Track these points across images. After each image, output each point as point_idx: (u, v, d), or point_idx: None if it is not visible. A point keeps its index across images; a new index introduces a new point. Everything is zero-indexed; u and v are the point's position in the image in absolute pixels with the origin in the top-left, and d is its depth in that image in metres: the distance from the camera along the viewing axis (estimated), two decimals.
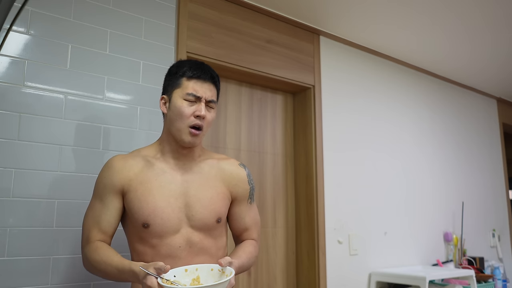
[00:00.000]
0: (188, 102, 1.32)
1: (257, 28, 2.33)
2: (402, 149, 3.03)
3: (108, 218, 1.32)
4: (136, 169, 1.33)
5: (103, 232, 1.31)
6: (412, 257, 2.95)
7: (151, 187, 1.31)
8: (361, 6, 2.36)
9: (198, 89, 1.32)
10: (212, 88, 1.35)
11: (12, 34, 1.57)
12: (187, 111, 1.31)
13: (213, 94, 1.35)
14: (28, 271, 1.52)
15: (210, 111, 1.35)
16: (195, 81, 1.33)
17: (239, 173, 1.44)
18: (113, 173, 1.32)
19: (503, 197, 3.87)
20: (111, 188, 1.32)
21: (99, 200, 1.33)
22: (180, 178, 1.35)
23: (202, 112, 1.30)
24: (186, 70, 1.35)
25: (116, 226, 1.35)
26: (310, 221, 2.44)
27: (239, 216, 1.45)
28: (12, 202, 1.51)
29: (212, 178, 1.38)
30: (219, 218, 1.36)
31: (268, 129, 2.50)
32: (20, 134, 1.55)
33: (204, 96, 1.32)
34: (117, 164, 1.33)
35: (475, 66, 3.27)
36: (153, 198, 1.30)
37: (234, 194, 1.43)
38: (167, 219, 1.29)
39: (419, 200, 3.08)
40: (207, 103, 1.34)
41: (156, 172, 1.34)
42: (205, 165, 1.40)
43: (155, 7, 1.96)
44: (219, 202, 1.37)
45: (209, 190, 1.36)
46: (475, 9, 2.40)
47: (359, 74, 2.83)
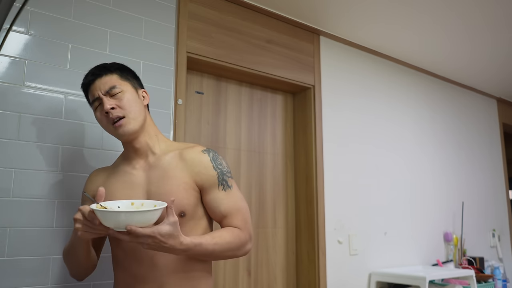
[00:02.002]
0: (98, 109, 1.32)
1: (257, 28, 2.33)
2: (402, 149, 3.03)
3: None
4: (104, 177, 1.39)
5: None
6: (412, 257, 2.95)
7: (114, 190, 1.32)
8: (361, 6, 2.36)
9: (93, 92, 1.32)
10: (104, 80, 1.31)
11: (12, 34, 1.57)
12: (99, 116, 1.31)
13: (107, 84, 1.30)
14: (28, 271, 1.52)
15: (118, 96, 1.30)
16: (88, 89, 1.34)
17: (202, 159, 1.32)
18: (87, 186, 1.41)
19: (503, 197, 3.87)
20: (85, 198, 1.39)
21: None
22: (143, 176, 1.33)
23: (105, 106, 1.27)
24: (82, 86, 1.37)
25: None
26: (310, 221, 2.44)
27: (213, 205, 1.32)
28: (12, 202, 1.51)
29: (172, 170, 1.31)
30: (181, 212, 1.27)
31: (268, 129, 2.50)
32: (20, 134, 1.55)
33: (99, 93, 1.30)
34: (91, 177, 1.42)
35: (475, 66, 3.27)
36: (114, 198, 1.30)
37: (200, 182, 1.31)
38: None
39: (419, 200, 3.08)
40: (108, 94, 1.30)
41: (120, 175, 1.36)
42: (167, 157, 1.34)
43: (155, 7, 1.96)
44: (179, 194, 1.27)
45: (169, 183, 1.29)
46: (476, 9, 2.40)
47: (359, 74, 2.83)
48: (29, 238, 1.53)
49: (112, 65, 1.36)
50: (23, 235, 1.52)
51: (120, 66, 1.38)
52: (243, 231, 1.31)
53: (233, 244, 1.27)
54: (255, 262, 2.33)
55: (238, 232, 1.30)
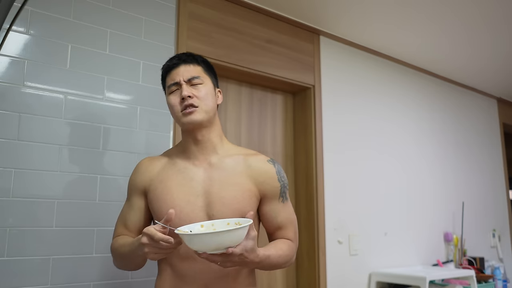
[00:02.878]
0: (173, 94, 1.30)
1: (257, 28, 2.33)
2: (402, 149, 3.03)
3: (132, 217, 1.35)
4: (158, 168, 1.34)
5: (127, 229, 1.35)
6: (412, 257, 2.95)
7: (170, 185, 1.29)
8: (361, 6, 2.36)
9: (174, 76, 1.31)
10: (189, 68, 1.31)
11: (12, 34, 1.57)
12: (173, 101, 1.30)
13: (192, 72, 1.31)
14: (28, 271, 1.52)
15: (198, 87, 1.30)
16: (170, 72, 1.33)
17: (268, 170, 1.33)
18: (138, 175, 1.36)
19: (503, 197, 3.87)
20: (136, 189, 1.35)
21: (128, 200, 1.38)
22: (203, 175, 1.30)
23: (184, 92, 1.26)
24: (163, 68, 1.36)
25: (142, 224, 1.35)
26: (310, 221, 2.44)
27: (271, 215, 1.34)
28: (12, 202, 1.51)
29: (237, 175, 1.30)
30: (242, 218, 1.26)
31: (268, 129, 2.50)
32: (20, 134, 1.55)
33: (182, 79, 1.29)
34: (142, 166, 1.37)
35: (475, 66, 3.27)
36: (171, 196, 1.27)
37: (263, 192, 1.32)
38: (186, 219, 1.24)
39: (419, 200, 3.08)
40: (189, 82, 1.30)
41: (177, 169, 1.32)
42: (231, 160, 1.32)
43: (155, 7, 1.96)
44: (243, 201, 1.27)
45: (233, 188, 1.27)
46: (475, 9, 2.40)
47: (359, 74, 2.83)
48: (29, 238, 1.53)
49: (199, 56, 1.37)
50: (23, 235, 1.52)
51: (206, 60, 1.38)
52: (294, 243, 1.36)
53: (288, 257, 1.31)
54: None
55: (291, 245, 1.34)
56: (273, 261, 1.24)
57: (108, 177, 1.73)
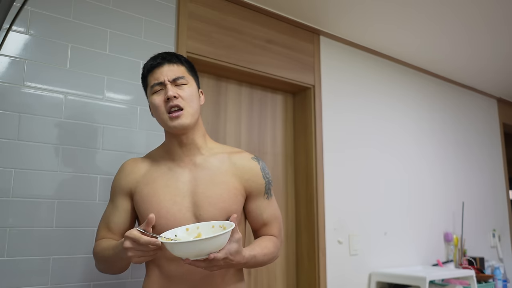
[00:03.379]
0: (157, 94, 1.28)
1: (257, 28, 2.33)
2: (402, 149, 3.03)
3: (116, 219, 1.34)
4: (143, 170, 1.34)
5: (111, 232, 1.34)
6: (412, 257, 2.95)
7: (156, 187, 1.29)
8: (361, 6, 2.36)
9: (157, 76, 1.28)
10: (173, 68, 1.29)
11: (12, 34, 1.57)
12: (157, 101, 1.27)
13: (176, 72, 1.29)
14: (28, 271, 1.52)
15: (182, 88, 1.28)
16: (152, 71, 1.30)
17: (252, 167, 1.34)
18: (122, 176, 1.35)
19: (503, 197, 3.87)
20: (120, 191, 1.34)
21: (111, 202, 1.37)
22: (188, 175, 1.30)
23: (169, 92, 1.24)
24: (145, 66, 1.34)
25: (126, 226, 1.35)
26: (310, 221, 2.44)
27: (256, 212, 1.36)
28: (12, 202, 1.51)
29: (222, 173, 1.31)
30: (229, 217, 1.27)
31: (268, 129, 2.50)
32: (20, 134, 1.55)
33: (166, 78, 1.27)
34: (127, 167, 1.36)
35: (475, 66, 3.27)
36: (157, 198, 1.27)
37: (248, 189, 1.34)
38: (173, 220, 1.24)
39: (419, 200, 3.08)
40: (174, 83, 1.28)
41: (163, 171, 1.32)
42: (215, 159, 1.33)
43: (155, 7, 1.96)
44: (229, 200, 1.28)
45: (219, 187, 1.28)
46: (475, 9, 2.40)
47: (359, 74, 2.83)
48: (29, 238, 1.53)
49: (181, 56, 1.35)
50: (23, 235, 1.52)
51: (188, 60, 1.37)
52: (278, 239, 1.39)
53: (274, 253, 1.34)
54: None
55: (276, 241, 1.37)
56: (259, 260, 1.26)
57: (108, 177, 1.73)
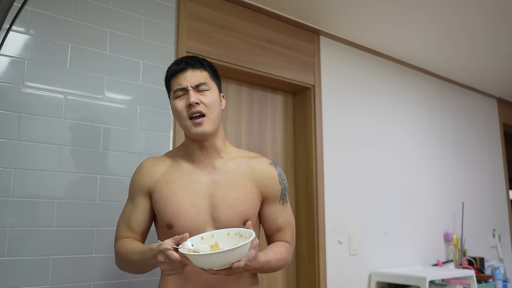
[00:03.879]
0: (179, 98, 1.30)
1: (257, 28, 2.33)
2: (402, 149, 3.03)
3: (136, 218, 1.34)
4: (163, 169, 1.34)
5: (132, 231, 1.34)
6: (412, 257, 2.95)
7: (176, 187, 1.30)
8: (361, 6, 2.36)
9: (181, 81, 1.30)
10: (196, 73, 1.31)
11: (12, 34, 1.57)
12: (180, 106, 1.29)
13: (199, 78, 1.30)
14: (28, 271, 1.52)
15: (205, 94, 1.29)
16: (176, 76, 1.31)
17: (270, 172, 1.37)
18: (142, 175, 1.35)
19: (503, 197, 3.87)
20: (140, 190, 1.34)
21: (130, 200, 1.37)
22: (207, 178, 1.32)
23: (191, 99, 1.26)
24: (168, 70, 1.35)
25: (146, 226, 1.36)
26: (310, 221, 2.44)
27: (271, 217, 1.37)
28: (12, 202, 1.51)
29: (241, 177, 1.33)
30: (246, 220, 1.30)
31: (268, 129, 2.50)
32: (20, 134, 1.55)
33: (189, 84, 1.28)
34: (146, 166, 1.36)
35: (475, 66, 3.27)
36: (177, 198, 1.28)
37: (265, 194, 1.36)
38: (191, 221, 1.26)
39: (419, 200, 3.08)
40: (196, 89, 1.29)
41: (182, 171, 1.33)
42: (234, 163, 1.35)
43: (155, 7, 1.96)
44: (246, 203, 1.31)
45: (237, 190, 1.31)
46: (475, 9, 2.40)
47: (359, 74, 2.83)
48: (29, 238, 1.53)
49: (205, 60, 1.35)
50: (23, 235, 1.52)
51: (211, 65, 1.37)
52: (291, 245, 1.40)
53: (286, 259, 1.34)
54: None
55: (288, 247, 1.38)
56: (273, 265, 1.27)
57: (108, 177, 1.73)
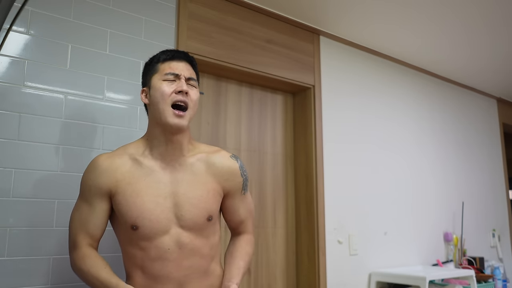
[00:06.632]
0: (168, 82, 1.28)
1: (257, 28, 2.33)
2: (402, 149, 3.03)
3: (95, 221, 1.29)
4: (123, 169, 1.29)
5: (90, 236, 1.29)
6: (412, 257, 2.95)
7: (139, 188, 1.27)
8: (361, 6, 2.36)
9: (175, 67, 1.30)
10: (190, 68, 1.33)
11: (12, 34, 1.57)
12: (168, 89, 1.27)
13: (191, 72, 1.33)
14: (28, 271, 1.52)
15: (192, 89, 1.30)
16: (170, 61, 1.31)
17: (231, 166, 1.38)
18: (99, 175, 1.28)
19: (503, 197, 3.87)
20: (98, 191, 1.28)
21: (85, 202, 1.30)
22: (169, 177, 1.31)
23: (184, 87, 1.26)
24: (160, 55, 1.35)
25: (104, 228, 1.32)
26: (310, 221, 2.44)
27: (233, 208, 1.41)
28: (12, 202, 1.51)
29: (202, 174, 1.33)
30: (210, 216, 1.32)
31: (268, 129, 2.50)
32: (20, 134, 1.55)
33: (183, 74, 1.29)
34: (103, 165, 1.28)
35: (475, 66, 3.27)
36: (141, 199, 1.26)
37: (227, 188, 1.38)
38: (156, 221, 1.26)
39: (419, 200, 3.08)
40: (187, 81, 1.30)
41: (145, 171, 1.30)
42: (195, 160, 1.35)
43: (155, 7, 1.96)
44: (209, 200, 1.32)
45: (199, 188, 1.31)
46: (475, 9, 2.40)
47: (359, 74, 2.83)
48: (29, 238, 1.53)
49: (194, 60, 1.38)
50: (23, 235, 1.52)
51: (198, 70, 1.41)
52: (252, 235, 1.47)
53: (251, 254, 1.42)
54: (255, 262, 2.33)
55: (252, 240, 1.45)
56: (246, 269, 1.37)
57: None
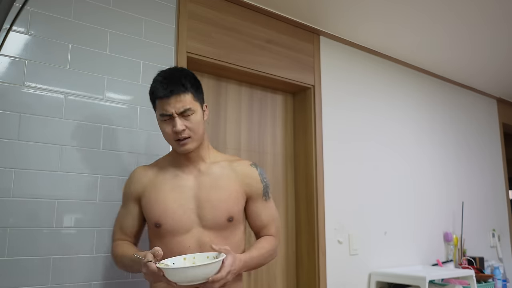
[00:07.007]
0: (166, 123, 1.38)
1: (257, 28, 2.33)
2: (402, 149, 3.03)
3: (128, 222, 1.47)
4: (151, 177, 1.46)
5: (124, 234, 1.48)
6: (412, 257, 2.95)
7: (163, 190, 1.41)
8: (361, 6, 2.36)
9: (166, 107, 1.35)
10: (180, 98, 1.35)
11: (12, 34, 1.57)
12: (167, 130, 1.38)
13: (183, 104, 1.35)
14: (28, 271, 1.52)
15: (189, 118, 1.37)
16: (161, 100, 1.36)
17: (251, 172, 1.49)
18: (132, 183, 1.48)
19: (503, 197, 3.87)
20: (130, 197, 1.47)
21: (123, 206, 1.50)
22: (193, 181, 1.43)
23: (178, 127, 1.35)
24: (154, 90, 1.38)
25: (138, 228, 1.49)
26: (310, 221, 2.44)
27: (255, 213, 1.50)
28: (12, 202, 1.52)
29: (224, 179, 1.44)
30: (230, 217, 1.41)
31: (268, 129, 2.50)
32: (20, 134, 1.55)
33: (174, 111, 1.35)
34: (136, 175, 1.48)
35: (475, 66, 3.27)
36: (163, 199, 1.40)
37: (248, 192, 1.48)
38: (178, 220, 1.38)
39: (419, 200, 3.08)
40: (181, 115, 1.36)
41: (169, 176, 1.44)
42: (217, 167, 1.47)
43: (155, 7, 1.96)
44: (230, 202, 1.42)
45: (220, 191, 1.42)
46: (476, 8, 2.40)
47: (359, 74, 2.83)
48: (29, 238, 1.53)
49: (187, 81, 1.38)
50: (23, 235, 1.52)
51: (194, 82, 1.40)
52: (276, 238, 1.53)
53: (271, 251, 1.47)
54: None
55: (272, 240, 1.50)
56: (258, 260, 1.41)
57: (108, 177, 1.73)
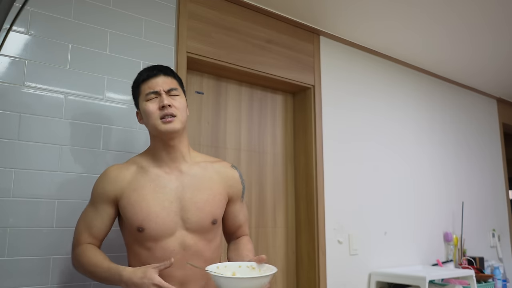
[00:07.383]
0: (151, 101, 1.37)
1: (257, 28, 2.33)
2: (402, 149, 3.03)
3: (99, 224, 1.39)
4: (129, 177, 1.39)
5: (93, 237, 1.39)
6: (412, 257, 2.95)
7: (145, 193, 1.35)
8: (361, 6, 2.36)
9: (153, 85, 1.38)
10: (167, 80, 1.40)
11: (12, 34, 1.57)
12: (152, 108, 1.36)
13: (170, 84, 1.40)
14: (28, 271, 1.52)
15: (175, 98, 1.39)
16: (147, 80, 1.39)
17: (233, 174, 1.51)
18: (107, 183, 1.39)
19: (503, 197, 3.87)
20: (104, 197, 1.38)
21: (93, 206, 1.40)
22: (175, 182, 1.39)
23: (165, 101, 1.35)
24: (139, 77, 1.43)
25: (107, 231, 1.42)
26: (310, 221, 2.44)
27: (233, 214, 1.53)
28: (12, 202, 1.52)
29: (207, 180, 1.43)
30: (214, 220, 1.41)
31: (268, 129, 2.50)
32: (20, 134, 1.55)
33: (161, 88, 1.37)
34: (111, 174, 1.40)
35: (475, 66, 3.27)
36: (147, 203, 1.34)
37: (231, 194, 1.49)
38: (162, 223, 1.33)
39: (419, 200, 3.08)
40: (168, 93, 1.38)
41: (151, 177, 1.39)
42: (199, 167, 1.45)
43: (155, 7, 1.96)
44: (214, 204, 1.41)
45: (204, 192, 1.40)
46: (476, 8, 2.40)
47: (359, 74, 2.83)
48: (29, 238, 1.53)
49: (173, 72, 1.45)
50: (23, 235, 1.52)
51: (179, 77, 1.47)
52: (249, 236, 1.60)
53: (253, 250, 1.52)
54: None
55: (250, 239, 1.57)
56: None
57: None
